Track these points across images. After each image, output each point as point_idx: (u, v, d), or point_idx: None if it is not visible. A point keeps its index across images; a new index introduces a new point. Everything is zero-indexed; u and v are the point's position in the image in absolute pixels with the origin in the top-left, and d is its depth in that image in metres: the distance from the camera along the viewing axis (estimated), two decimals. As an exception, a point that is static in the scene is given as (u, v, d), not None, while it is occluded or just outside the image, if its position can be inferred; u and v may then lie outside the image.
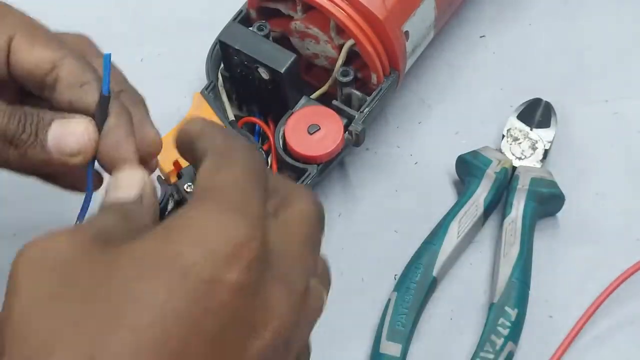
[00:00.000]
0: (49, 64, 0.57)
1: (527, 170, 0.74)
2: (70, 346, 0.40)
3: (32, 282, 0.43)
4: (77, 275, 0.42)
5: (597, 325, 0.70)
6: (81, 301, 0.42)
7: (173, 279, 0.41)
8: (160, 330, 0.40)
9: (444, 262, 0.71)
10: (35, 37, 0.57)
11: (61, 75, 0.56)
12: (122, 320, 0.41)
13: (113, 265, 0.42)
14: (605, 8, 0.82)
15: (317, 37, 0.73)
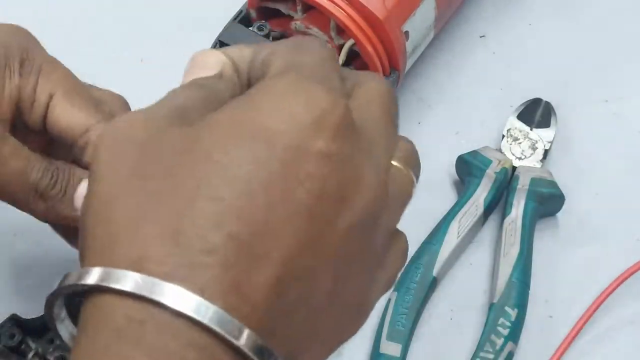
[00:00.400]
0: (82, 127, 0.58)
1: (527, 170, 0.73)
2: (154, 220, 0.40)
3: (112, 163, 0.42)
4: (157, 151, 0.42)
5: (597, 325, 0.70)
6: (163, 176, 0.41)
7: (257, 147, 0.40)
8: (246, 200, 0.40)
9: (444, 262, 0.71)
10: (74, 98, 0.58)
11: (92, 140, 0.57)
12: (206, 191, 0.40)
13: (194, 139, 0.41)
14: (605, 8, 0.82)
15: (317, 37, 0.72)
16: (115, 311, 0.40)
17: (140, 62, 0.81)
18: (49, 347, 0.64)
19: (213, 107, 0.43)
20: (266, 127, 0.41)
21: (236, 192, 0.40)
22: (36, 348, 0.64)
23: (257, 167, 0.40)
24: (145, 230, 0.40)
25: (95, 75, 0.80)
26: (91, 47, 0.82)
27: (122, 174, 0.42)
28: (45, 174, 0.56)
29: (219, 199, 0.40)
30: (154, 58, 0.81)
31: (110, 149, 0.43)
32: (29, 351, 0.65)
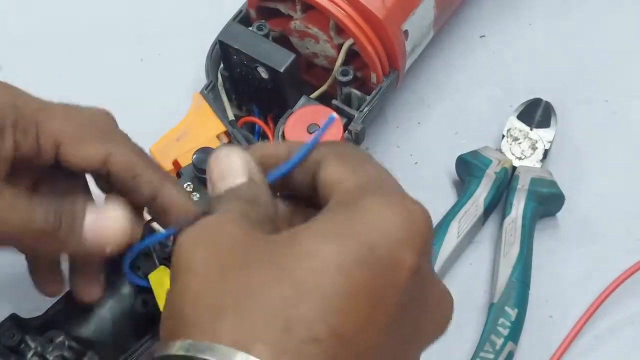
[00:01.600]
0: (98, 162, 0.58)
1: (527, 170, 0.73)
2: (262, 307, 0.42)
3: (205, 257, 0.45)
4: (247, 250, 0.44)
5: (597, 325, 0.70)
6: (269, 269, 0.43)
7: (359, 251, 0.43)
8: (349, 299, 0.42)
9: (444, 262, 0.71)
10: (82, 139, 0.58)
11: (112, 171, 0.58)
12: (311, 287, 0.42)
13: (299, 244, 0.44)
14: (605, 8, 0.82)
15: (317, 36, 0.73)
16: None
17: (140, 62, 0.81)
18: (49, 346, 0.64)
19: (266, 214, 0.48)
20: (365, 239, 0.44)
21: (342, 291, 0.42)
22: (35, 348, 0.64)
23: (358, 268, 0.43)
24: (253, 311, 0.42)
25: (96, 75, 0.81)
26: (91, 47, 0.82)
27: (213, 268, 0.44)
28: (49, 216, 0.56)
29: (325, 296, 0.42)
30: (154, 58, 0.81)
31: (199, 246, 0.45)
32: (29, 351, 0.65)
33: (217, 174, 0.49)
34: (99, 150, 0.58)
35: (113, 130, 0.60)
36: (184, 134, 0.71)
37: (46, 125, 0.58)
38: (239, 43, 0.70)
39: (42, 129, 0.58)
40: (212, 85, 0.73)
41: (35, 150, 0.58)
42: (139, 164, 0.58)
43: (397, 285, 0.44)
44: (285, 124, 0.70)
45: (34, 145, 0.58)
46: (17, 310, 0.67)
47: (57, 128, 0.58)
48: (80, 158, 0.58)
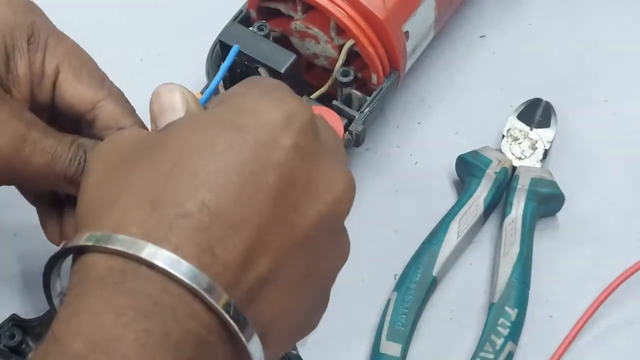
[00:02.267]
0: (90, 104, 0.60)
1: (527, 170, 0.74)
2: (134, 193, 0.45)
3: (100, 162, 0.49)
4: (139, 149, 0.48)
5: (597, 325, 0.70)
6: (144, 163, 0.47)
7: (233, 138, 0.46)
8: (220, 176, 0.45)
9: (444, 262, 0.71)
10: (81, 73, 0.61)
11: (99, 116, 0.60)
12: (181, 168, 0.45)
13: (172, 133, 0.48)
14: (605, 8, 0.82)
15: (317, 37, 0.73)
16: (99, 264, 0.44)
17: (140, 62, 0.81)
18: (49, 347, 0.64)
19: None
20: (240, 122, 0.47)
21: (210, 170, 0.45)
22: (36, 348, 0.64)
23: (231, 151, 0.46)
24: (126, 200, 0.45)
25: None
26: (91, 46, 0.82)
27: (106, 167, 0.49)
28: (72, 164, 0.58)
29: (194, 174, 0.45)
30: (154, 58, 0.81)
31: (99, 154, 0.50)
32: (29, 351, 0.65)
33: (157, 109, 0.51)
34: (95, 92, 0.60)
35: (111, 82, 0.62)
36: (184, 134, 0.71)
37: (53, 50, 0.60)
38: (239, 43, 0.70)
39: (49, 53, 0.60)
40: (213, 86, 0.73)
41: (40, 75, 0.60)
42: (128, 118, 0.61)
43: (271, 162, 0.46)
44: (286, 124, 0.70)
45: (40, 70, 0.60)
46: (17, 310, 0.67)
47: (62, 54, 0.60)
48: (75, 95, 0.60)
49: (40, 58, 0.60)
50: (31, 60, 0.59)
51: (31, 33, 0.60)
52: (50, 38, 0.60)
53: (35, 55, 0.59)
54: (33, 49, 0.59)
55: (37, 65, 0.60)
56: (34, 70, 0.59)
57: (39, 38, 0.60)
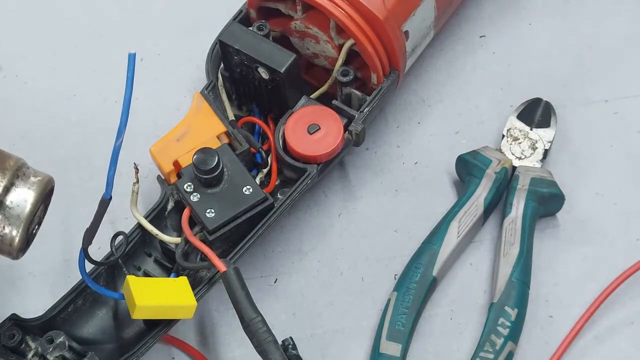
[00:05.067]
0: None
1: (527, 170, 0.74)
2: None
3: None
4: None
5: (597, 325, 0.70)
6: None
7: None
8: None
9: (444, 262, 0.71)
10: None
11: None
12: None
13: None
14: (605, 8, 0.82)
15: (317, 37, 0.73)
16: None
17: (140, 62, 0.81)
18: (49, 347, 0.64)
19: None
20: None
21: None
22: (36, 348, 0.64)
23: None
24: None
25: (96, 75, 0.81)
26: (91, 46, 0.82)
27: None
28: None
29: None
30: (154, 58, 0.81)
31: None
32: (29, 351, 0.65)
33: None
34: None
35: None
36: (184, 134, 0.71)
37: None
38: (239, 43, 0.70)
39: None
40: (212, 85, 0.73)
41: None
42: None
43: None
44: (286, 124, 0.70)
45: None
46: (17, 310, 0.67)
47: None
48: None
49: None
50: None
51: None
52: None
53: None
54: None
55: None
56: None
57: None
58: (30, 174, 0.62)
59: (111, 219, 0.74)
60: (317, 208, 0.75)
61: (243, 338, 0.62)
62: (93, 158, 0.76)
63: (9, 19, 0.83)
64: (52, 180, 0.63)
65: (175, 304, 0.64)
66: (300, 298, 0.72)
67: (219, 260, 0.63)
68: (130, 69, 0.57)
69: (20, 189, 0.62)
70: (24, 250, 0.63)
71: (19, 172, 0.62)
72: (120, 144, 0.59)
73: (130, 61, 0.57)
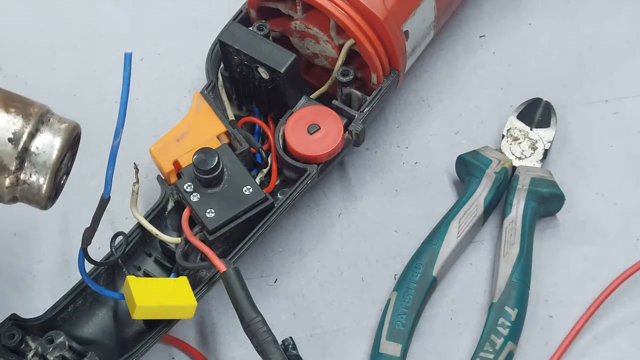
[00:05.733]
0: None
1: (527, 170, 0.74)
2: None
3: None
4: None
5: (597, 325, 0.70)
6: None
7: None
8: None
9: (444, 262, 0.71)
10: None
11: None
12: None
13: None
14: (605, 8, 0.82)
15: (317, 37, 0.73)
16: None
17: (140, 62, 0.81)
18: (49, 347, 0.64)
19: None
20: None
21: None
22: (36, 348, 0.64)
23: None
24: None
25: (96, 75, 0.81)
26: (91, 46, 0.82)
27: None
28: None
29: None
30: (154, 58, 0.81)
31: None
32: (29, 351, 0.65)
33: None
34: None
35: None
36: (184, 134, 0.71)
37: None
38: (239, 43, 0.70)
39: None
40: (212, 85, 0.73)
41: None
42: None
43: None
44: (286, 124, 0.70)
45: None
46: (17, 310, 0.67)
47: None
48: None
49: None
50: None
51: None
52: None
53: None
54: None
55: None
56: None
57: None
58: (56, 120, 0.60)
59: (111, 219, 0.74)
60: (317, 208, 0.75)
61: (243, 338, 0.62)
62: (93, 158, 0.76)
63: (9, 19, 0.83)
64: (79, 126, 0.61)
65: (175, 304, 0.64)
66: (300, 298, 0.72)
67: (219, 260, 0.63)
68: (126, 68, 0.57)
69: (46, 135, 0.59)
70: (53, 200, 0.61)
71: (43, 118, 0.60)
72: (118, 143, 0.58)
73: (127, 61, 0.57)
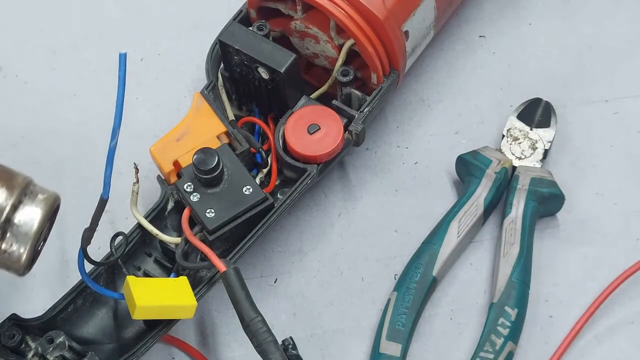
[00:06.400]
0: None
1: (527, 170, 0.74)
2: None
3: None
4: None
5: (597, 325, 0.70)
6: None
7: None
8: None
9: (444, 262, 0.71)
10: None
11: None
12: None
13: None
14: (605, 8, 0.82)
15: (317, 37, 0.73)
16: None
17: (140, 62, 0.81)
18: (49, 347, 0.64)
19: None
20: None
21: None
22: (36, 348, 0.64)
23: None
24: None
25: (96, 75, 0.81)
26: (91, 46, 0.82)
27: None
28: None
29: None
30: (154, 58, 0.81)
31: None
32: (29, 351, 0.65)
33: None
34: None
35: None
36: (184, 134, 0.71)
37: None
38: (239, 43, 0.70)
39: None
40: (212, 85, 0.73)
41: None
42: None
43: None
44: (286, 124, 0.70)
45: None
46: (17, 310, 0.67)
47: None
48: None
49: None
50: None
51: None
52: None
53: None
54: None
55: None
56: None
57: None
58: (38, 191, 0.61)
59: (111, 219, 0.74)
60: (317, 208, 0.75)
61: (243, 338, 0.62)
62: (93, 158, 0.76)
63: (9, 19, 0.83)
64: (59, 198, 0.63)
65: (175, 304, 0.64)
66: (300, 298, 0.72)
67: (219, 260, 0.63)
68: (121, 69, 0.57)
69: (28, 207, 0.61)
70: (29, 267, 0.62)
71: (26, 189, 0.61)
72: (115, 144, 0.59)
73: (122, 61, 0.57)
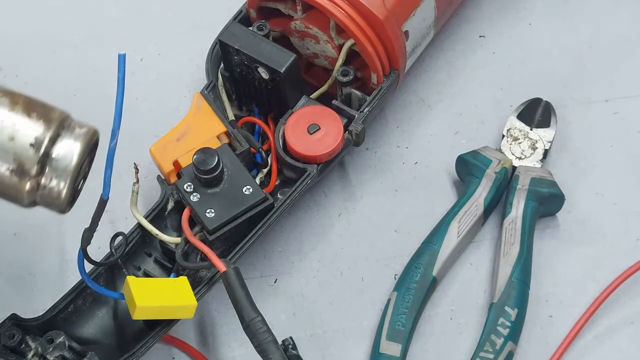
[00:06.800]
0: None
1: (527, 170, 0.74)
2: None
3: None
4: None
5: (597, 325, 0.70)
6: None
7: None
8: None
9: (444, 262, 0.71)
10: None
11: None
12: None
13: None
14: (605, 8, 0.82)
15: (317, 37, 0.73)
16: None
17: (140, 62, 0.81)
18: (49, 347, 0.64)
19: None
20: None
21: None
22: (36, 348, 0.64)
23: None
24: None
25: (96, 75, 0.81)
26: (91, 46, 0.82)
27: None
28: None
29: None
30: (154, 58, 0.81)
31: None
32: (29, 351, 0.65)
33: None
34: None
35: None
36: (184, 134, 0.71)
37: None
38: (239, 43, 0.70)
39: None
40: (212, 85, 0.73)
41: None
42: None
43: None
44: (286, 124, 0.70)
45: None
46: (17, 310, 0.67)
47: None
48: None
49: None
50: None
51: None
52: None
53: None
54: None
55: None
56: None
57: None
58: (76, 125, 0.60)
59: (111, 219, 0.74)
60: (317, 208, 0.75)
61: (243, 338, 0.62)
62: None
63: (9, 18, 0.83)
64: (97, 132, 0.61)
65: (175, 304, 0.64)
66: (300, 298, 0.72)
67: (219, 260, 0.63)
68: (120, 70, 0.57)
69: (67, 141, 0.59)
70: (71, 204, 0.61)
71: (64, 123, 0.60)
72: (114, 145, 0.58)
73: (121, 62, 0.57)
